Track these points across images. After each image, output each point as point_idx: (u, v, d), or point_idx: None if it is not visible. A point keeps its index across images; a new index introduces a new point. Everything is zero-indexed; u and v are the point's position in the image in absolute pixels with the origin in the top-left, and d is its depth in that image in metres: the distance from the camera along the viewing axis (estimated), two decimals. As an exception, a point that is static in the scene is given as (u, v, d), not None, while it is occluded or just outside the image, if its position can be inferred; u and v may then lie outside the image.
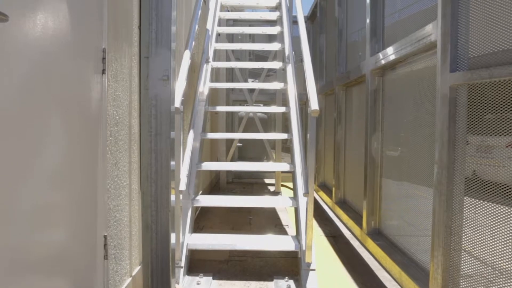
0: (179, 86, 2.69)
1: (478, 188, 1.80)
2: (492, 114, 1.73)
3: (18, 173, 1.23)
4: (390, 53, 2.78)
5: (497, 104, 1.69)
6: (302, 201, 3.11)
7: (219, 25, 5.48)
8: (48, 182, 1.42)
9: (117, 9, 2.11)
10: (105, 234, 1.97)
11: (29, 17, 1.27)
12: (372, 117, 3.24)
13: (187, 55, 3.00)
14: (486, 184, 1.74)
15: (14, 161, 1.21)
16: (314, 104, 2.62)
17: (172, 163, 2.50)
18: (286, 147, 6.47)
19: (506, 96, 1.64)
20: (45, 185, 1.40)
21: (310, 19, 6.79)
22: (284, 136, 3.79)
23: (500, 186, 1.65)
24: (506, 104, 1.64)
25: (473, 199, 1.85)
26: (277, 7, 5.69)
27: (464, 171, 1.91)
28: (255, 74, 7.69)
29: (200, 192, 5.10)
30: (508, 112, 1.63)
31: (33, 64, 1.31)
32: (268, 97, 6.98)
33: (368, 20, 3.33)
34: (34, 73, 1.32)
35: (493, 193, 1.70)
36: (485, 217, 1.76)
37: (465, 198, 1.90)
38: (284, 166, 3.51)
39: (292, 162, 3.54)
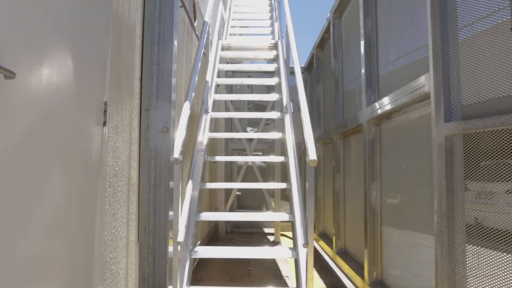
0: (179, 136, 2.73)
1: (481, 236, 1.78)
2: (489, 160, 1.75)
3: (15, 223, 1.23)
4: (385, 103, 2.84)
5: (493, 152, 1.71)
6: (302, 251, 3.06)
7: (219, 76, 5.62)
8: (45, 233, 1.41)
9: (120, 63, 2.18)
10: (101, 287, 1.92)
11: (35, 73, 1.32)
12: (370, 166, 3.25)
13: (186, 106, 3.05)
14: (489, 232, 1.72)
15: (12, 211, 1.21)
16: (312, 154, 2.65)
17: (171, 213, 2.48)
18: (285, 195, 6.43)
19: (501, 144, 1.66)
20: (42, 235, 1.39)
21: (307, 69, 6.98)
22: (283, 185, 3.78)
23: (503, 233, 1.63)
24: (502, 151, 1.66)
25: (477, 247, 1.82)
26: (275, 59, 5.87)
27: (464, 220, 1.90)
28: (254, 123, 7.79)
29: (199, 242, 5.01)
30: (506, 158, 1.64)
31: (36, 117, 1.34)
32: (267, 146, 7.03)
33: (363, 71, 3.42)
34: (38, 126, 1.35)
35: (496, 240, 1.68)
36: (489, 266, 1.73)
37: (468, 246, 1.88)
38: (283, 216, 3.48)
39: (291, 212, 3.51)
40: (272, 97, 5.01)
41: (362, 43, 3.44)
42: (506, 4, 1.70)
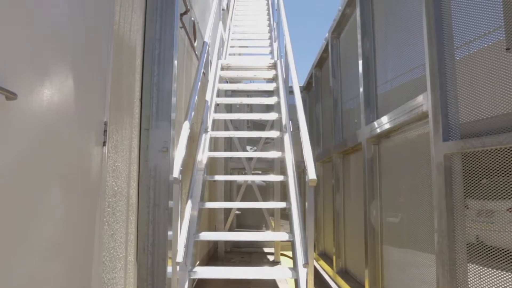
0: (178, 156, 2.73)
1: (482, 255, 1.77)
2: (488, 179, 1.74)
3: (12, 243, 1.22)
4: (384, 122, 2.85)
5: (493, 170, 1.71)
6: (302, 272, 3.02)
7: (218, 95, 5.65)
8: (42, 253, 1.40)
9: (120, 83, 2.20)
10: (99, 310, 1.89)
11: (36, 94, 1.33)
12: (370, 185, 3.24)
13: (186, 125, 3.07)
14: (491, 250, 1.71)
15: (9, 230, 1.20)
16: (311, 173, 2.65)
17: (170, 233, 2.47)
18: (285, 214, 6.39)
19: (500, 162, 1.66)
20: (39, 256, 1.38)
21: (306, 89, 7.03)
22: (282, 205, 3.77)
23: (505, 252, 1.62)
24: (502, 170, 1.66)
25: (479, 266, 1.80)
26: (274, 79, 5.91)
27: (465, 239, 1.89)
28: (253, 142, 7.79)
29: (198, 262, 4.96)
30: (505, 176, 1.64)
31: (37, 137, 1.35)
32: (267, 165, 7.01)
33: (361, 89, 3.44)
34: (38, 146, 1.35)
35: (498, 259, 1.66)
36: (492, 285, 1.71)
37: (470, 265, 1.86)
38: (283, 236, 3.46)
39: (291, 231, 3.49)
40: (272, 116, 5.03)
41: (360, 62, 3.48)
42: (501, 24, 1.73)
